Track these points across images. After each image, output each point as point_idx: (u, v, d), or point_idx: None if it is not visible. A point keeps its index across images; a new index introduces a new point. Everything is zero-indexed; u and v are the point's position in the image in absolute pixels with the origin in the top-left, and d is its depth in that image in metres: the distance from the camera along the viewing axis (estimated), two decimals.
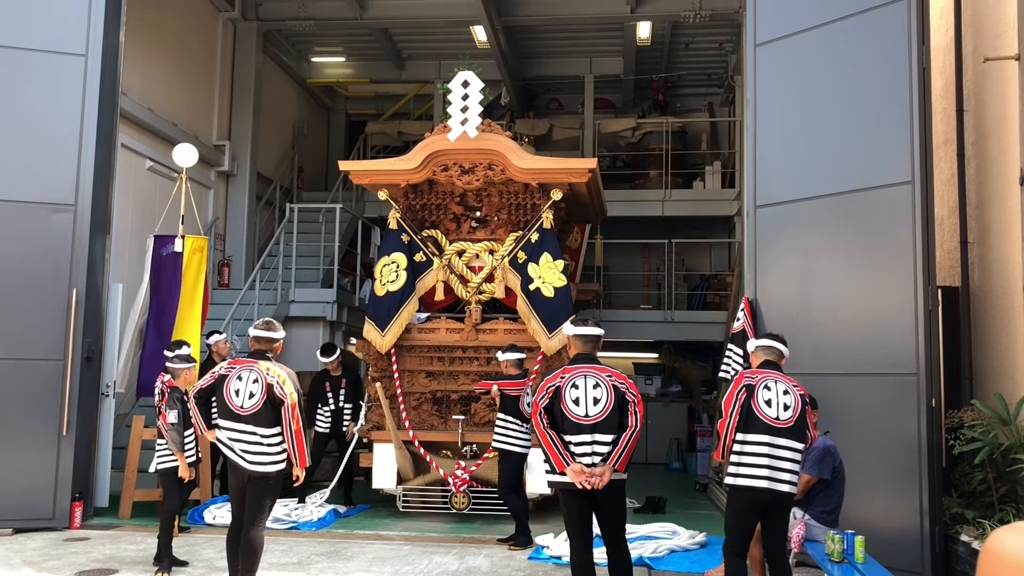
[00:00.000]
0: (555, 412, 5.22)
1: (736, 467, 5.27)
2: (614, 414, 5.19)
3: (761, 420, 5.21)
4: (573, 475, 5.08)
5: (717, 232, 17.09)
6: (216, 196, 14.21)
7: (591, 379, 5.25)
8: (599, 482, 5.05)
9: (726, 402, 5.34)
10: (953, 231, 8.45)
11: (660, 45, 16.15)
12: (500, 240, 9.43)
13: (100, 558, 7.16)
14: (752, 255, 7.87)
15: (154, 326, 9.28)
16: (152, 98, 12.25)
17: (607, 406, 5.17)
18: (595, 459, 5.13)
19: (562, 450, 5.14)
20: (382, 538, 8.10)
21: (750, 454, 5.20)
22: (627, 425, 5.20)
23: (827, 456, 6.09)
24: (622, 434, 5.17)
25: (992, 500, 6.67)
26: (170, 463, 7.11)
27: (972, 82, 8.24)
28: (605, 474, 5.06)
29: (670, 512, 9.63)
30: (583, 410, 5.17)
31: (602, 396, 5.20)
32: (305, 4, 14.55)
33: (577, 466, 5.09)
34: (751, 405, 5.23)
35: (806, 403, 5.34)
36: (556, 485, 5.31)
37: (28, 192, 8.36)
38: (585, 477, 5.06)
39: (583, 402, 5.18)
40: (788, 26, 7.78)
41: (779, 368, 5.48)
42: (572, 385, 5.24)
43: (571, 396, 5.21)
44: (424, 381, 9.41)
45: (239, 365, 5.63)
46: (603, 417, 5.16)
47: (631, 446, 5.18)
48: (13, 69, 8.44)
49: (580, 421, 5.15)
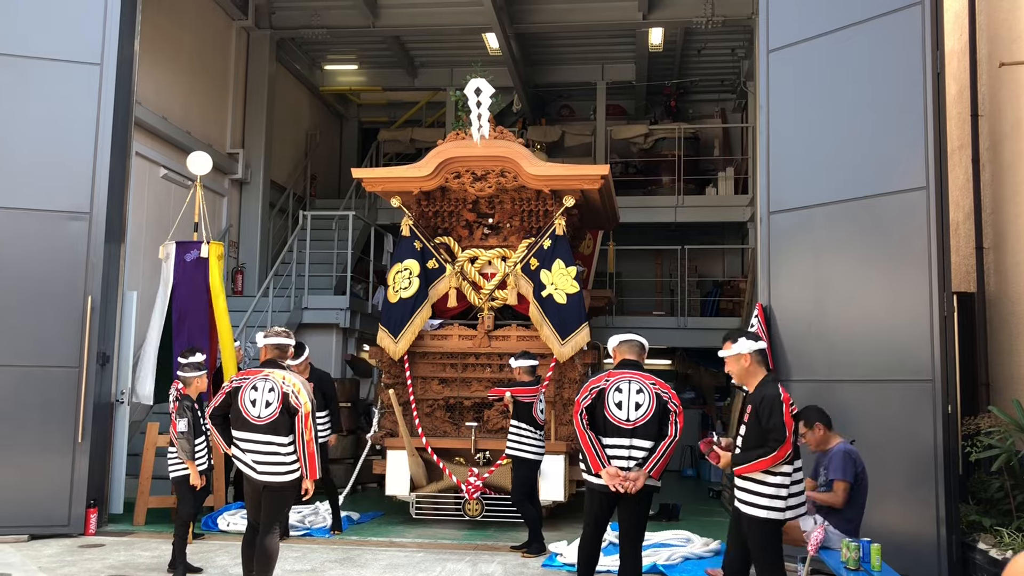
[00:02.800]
0: (596, 414, 5.35)
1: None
2: (654, 421, 5.33)
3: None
4: (608, 478, 5.20)
5: (730, 238, 17.05)
6: (230, 204, 14.27)
7: (635, 384, 5.39)
8: (632, 487, 5.16)
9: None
10: (968, 236, 8.40)
11: (672, 51, 16.13)
12: (513, 247, 9.43)
13: (115, 564, 7.18)
14: (765, 261, 7.84)
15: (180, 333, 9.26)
16: (166, 106, 12.32)
17: (648, 412, 5.32)
18: (630, 463, 5.25)
19: (600, 451, 5.26)
20: (395, 545, 8.10)
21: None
22: (666, 433, 5.34)
23: (848, 460, 6.04)
24: (660, 442, 5.30)
25: (1010, 508, 6.61)
26: (183, 471, 7.13)
27: (987, 87, 8.19)
28: (640, 479, 5.18)
29: (684, 519, 9.59)
30: (625, 414, 5.31)
31: (644, 402, 5.34)
32: (318, 12, 14.62)
33: (613, 469, 5.21)
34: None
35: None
36: (589, 485, 5.41)
37: (43, 200, 8.42)
38: (620, 481, 5.17)
39: (625, 406, 5.32)
40: (801, 32, 7.76)
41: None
42: (616, 388, 5.38)
43: (614, 399, 5.34)
44: (437, 388, 9.41)
45: (252, 376, 5.63)
46: (643, 422, 5.31)
47: (668, 454, 5.32)
48: (29, 78, 8.50)
49: (621, 425, 5.30)
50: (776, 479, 4.84)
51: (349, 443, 11.83)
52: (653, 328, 15.15)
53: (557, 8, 14.49)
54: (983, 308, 7.98)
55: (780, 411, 4.79)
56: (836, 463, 6.00)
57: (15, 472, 8.15)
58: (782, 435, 4.71)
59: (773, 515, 4.86)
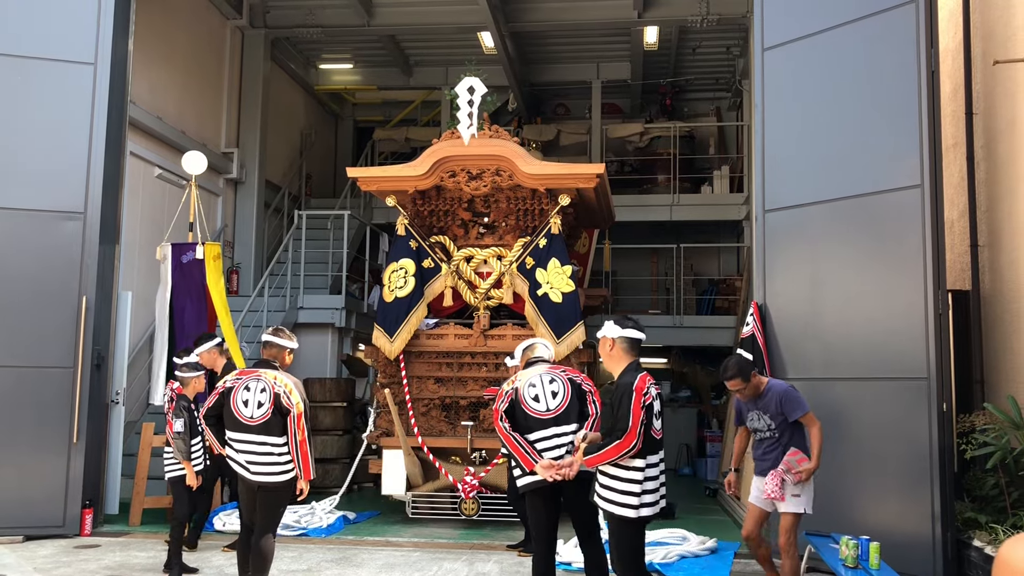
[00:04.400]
0: (516, 413, 5.39)
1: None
2: (573, 405, 5.39)
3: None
4: (543, 471, 5.19)
5: (726, 237, 17.06)
6: (224, 203, 14.25)
7: (546, 376, 5.49)
8: (569, 472, 5.16)
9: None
10: (963, 235, 8.41)
11: (667, 50, 16.14)
12: (508, 246, 9.42)
13: (111, 565, 7.17)
14: (761, 260, 7.85)
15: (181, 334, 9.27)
16: (161, 106, 12.30)
17: (565, 398, 5.39)
18: (561, 451, 5.30)
19: (528, 448, 5.28)
20: (391, 544, 8.09)
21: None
22: (588, 414, 5.40)
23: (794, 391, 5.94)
24: (583, 424, 5.36)
25: (1005, 505, 6.63)
26: (178, 471, 7.12)
27: (981, 85, 8.21)
28: (574, 464, 5.17)
29: (680, 518, 9.59)
30: (544, 405, 5.38)
31: (559, 389, 5.43)
32: (313, 11, 14.60)
33: (545, 461, 5.21)
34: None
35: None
36: (528, 487, 5.40)
37: (38, 200, 8.40)
38: (555, 470, 5.16)
39: (543, 398, 5.39)
40: (796, 30, 7.77)
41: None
42: (529, 384, 5.45)
43: (530, 395, 5.40)
44: (433, 387, 9.41)
45: (245, 376, 5.63)
46: (563, 409, 5.37)
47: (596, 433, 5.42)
48: (22, 78, 8.48)
49: (542, 416, 5.36)
50: (628, 474, 4.67)
51: (345, 443, 11.82)
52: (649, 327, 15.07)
53: (552, 7, 14.48)
54: (978, 306, 7.99)
55: (629, 401, 4.61)
56: (790, 400, 5.83)
57: (10, 473, 8.13)
58: (626, 424, 4.56)
59: (626, 512, 4.68)
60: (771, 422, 5.90)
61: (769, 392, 5.93)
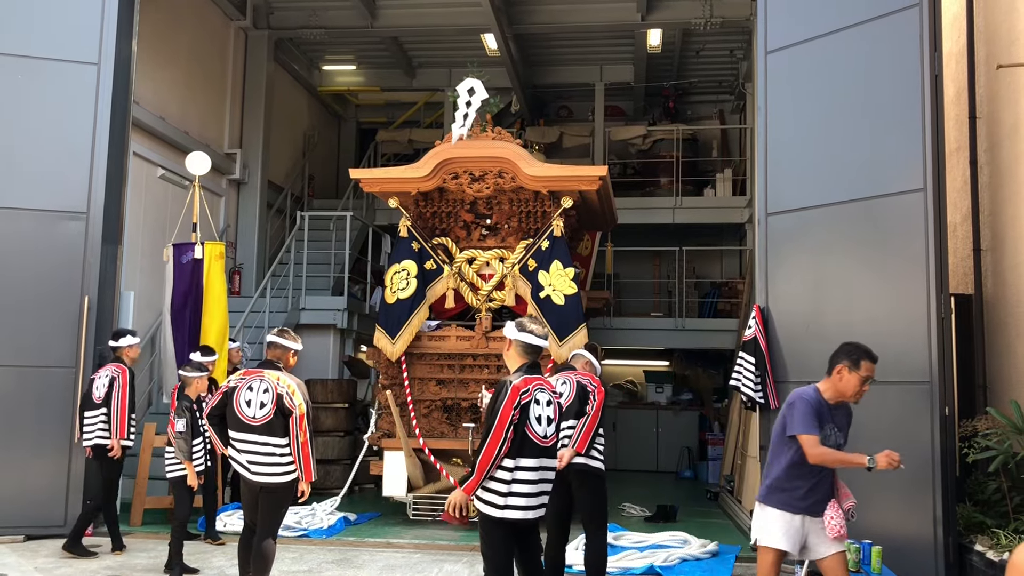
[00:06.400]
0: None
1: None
2: (573, 405, 5.87)
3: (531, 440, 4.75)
4: None
5: (728, 240, 17.04)
6: (227, 204, 14.25)
7: (560, 379, 6.03)
8: (559, 464, 5.40)
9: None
10: (966, 239, 8.40)
11: (671, 52, 16.13)
12: (510, 248, 9.42)
13: (111, 565, 7.17)
14: (763, 263, 7.84)
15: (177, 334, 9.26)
16: (164, 106, 12.31)
17: (568, 399, 5.88)
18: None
19: None
20: (392, 546, 8.09)
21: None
22: (584, 412, 5.89)
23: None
24: (579, 419, 5.84)
25: (1007, 509, 6.61)
26: (180, 471, 7.13)
27: (985, 89, 8.20)
28: (564, 457, 5.64)
29: (681, 521, 9.59)
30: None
31: (565, 392, 5.94)
32: (316, 13, 14.61)
33: None
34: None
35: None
36: None
37: (41, 200, 8.41)
38: None
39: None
40: (799, 33, 7.76)
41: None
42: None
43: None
44: (434, 389, 9.41)
45: (248, 376, 5.63)
46: (566, 406, 5.84)
47: (588, 429, 5.85)
48: (26, 78, 8.49)
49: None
50: (495, 472, 4.58)
51: (347, 444, 11.82)
52: (651, 329, 15.17)
53: (556, 9, 14.48)
54: (980, 310, 7.98)
55: (500, 401, 4.55)
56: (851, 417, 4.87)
57: (11, 472, 8.14)
58: (491, 424, 4.53)
59: (488, 511, 4.60)
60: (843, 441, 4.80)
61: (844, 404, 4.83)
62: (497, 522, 4.61)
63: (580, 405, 5.92)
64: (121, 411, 7.52)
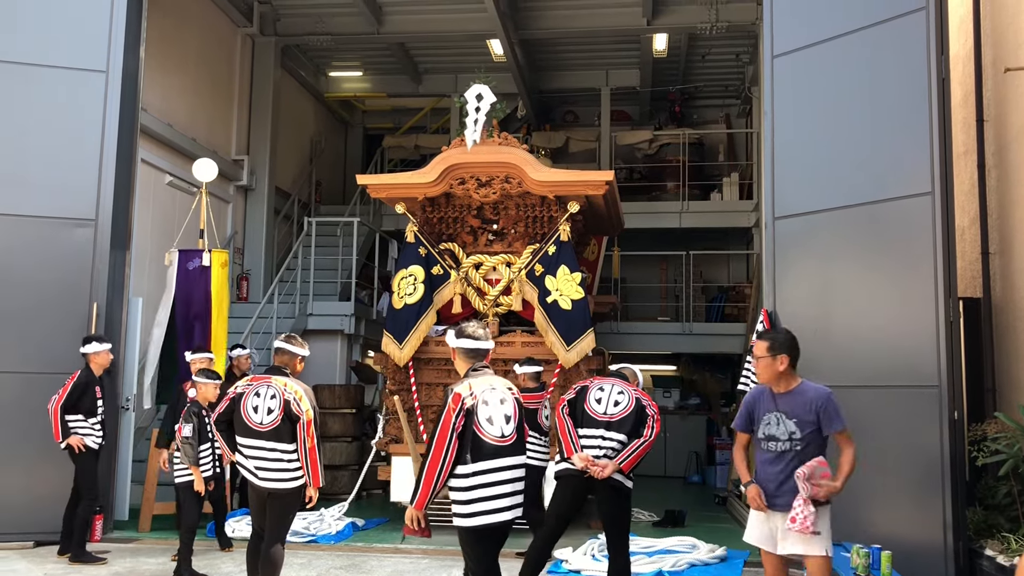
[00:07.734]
0: (577, 407, 5.85)
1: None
2: (629, 419, 5.74)
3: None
4: (579, 460, 5.62)
5: (735, 244, 17.02)
6: (235, 210, 14.30)
7: (617, 387, 5.91)
8: (601, 472, 5.54)
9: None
10: (974, 242, 8.38)
11: (676, 57, 16.14)
12: (517, 253, 9.43)
13: (120, 571, 7.19)
14: (771, 267, 7.83)
15: (186, 341, 9.29)
16: (172, 113, 12.36)
17: (625, 410, 5.76)
18: (599, 452, 5.67)
19: (574, 438, 5.75)
20: (401, 551, 8.08)
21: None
22: (641, 434, 5.71)
23: (837, 400, 4.90)
24: (633, 440, 5.68)
25: (1017, 513, 6.59)
26: (187, 477, 7.14)
27: (992, 92, 8.18)
28: (608, 468, 5.57)
29: (690, 526, 9.57)
30: (603, 408, 5.80)
31: (623, 401, 5.82)
32: (323, 19, 14.65)
33: (584, 454, 5.65)
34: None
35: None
36: (560, 473, 5.84)
37: (49, 207, 8.44)
38: (588, 464, 5.58)
39: (605, 402, 5.83)
40: (806, 37, 7.75)
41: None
42: (599, 388, 5.92)
43: (595, 396, 5.87)
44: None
45: (256, 382, 5.64)
46: (619, 418, 5.73)
47: (641, 453, 5.66)
48: (35, 86, 8.53)
49: (597, 417, 5.77)
50: (453, 481, 4.53)
51: (354, 449, 11.82)
52: (658, 334, 15.16)
53: (561, 14, 14.50)
54: (989, 313, 7.96)
55: (444, 408, 4.54)
56: (833, 408, 4.79)
57: (20, 478, 8.16)
58: (432, 434, 4.53)
59: (458, 521, 4.53)
60: (796, 430, 4.73)
61: (804, 393, 4.81)
62: (470, 531, 4.51)
63: (636, 422, 5.74)
64: (53, 413, 7.50)
